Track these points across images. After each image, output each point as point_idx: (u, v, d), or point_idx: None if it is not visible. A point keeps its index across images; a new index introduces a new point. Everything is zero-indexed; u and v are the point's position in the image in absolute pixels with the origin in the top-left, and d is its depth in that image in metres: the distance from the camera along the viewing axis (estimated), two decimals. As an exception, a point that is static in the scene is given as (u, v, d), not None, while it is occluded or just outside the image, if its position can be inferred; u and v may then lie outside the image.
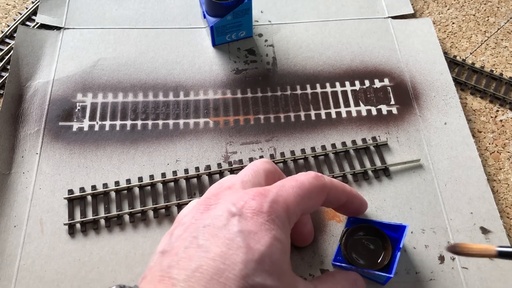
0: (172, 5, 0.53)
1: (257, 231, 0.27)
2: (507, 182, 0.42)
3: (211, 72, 0.48)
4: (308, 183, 0.31)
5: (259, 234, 0.27)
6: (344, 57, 0.49)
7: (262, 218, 0.27)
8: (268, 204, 0.28)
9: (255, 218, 0.27)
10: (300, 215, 0.31)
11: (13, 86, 0.45)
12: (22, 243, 0.38)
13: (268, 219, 0.27)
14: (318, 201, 0.32)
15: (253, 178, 0.32)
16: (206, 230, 0.27)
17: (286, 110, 0.46)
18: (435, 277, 0.37)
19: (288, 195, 0.29)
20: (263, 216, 0.27)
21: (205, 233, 0.26)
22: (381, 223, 0.36)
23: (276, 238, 0.27)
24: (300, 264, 0.37)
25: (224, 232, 0.26)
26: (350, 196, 0.35)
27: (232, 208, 0.28)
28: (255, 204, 0.28)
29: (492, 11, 0.54)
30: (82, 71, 0.47)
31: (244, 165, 0.42)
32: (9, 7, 0.53)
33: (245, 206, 0.28)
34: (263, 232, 0.27)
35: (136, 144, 0.43)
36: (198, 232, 0.27)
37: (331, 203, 0.34)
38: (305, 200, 0.30)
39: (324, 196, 0.33)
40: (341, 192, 0.34)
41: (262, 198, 0.28)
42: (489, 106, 0.47)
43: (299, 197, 0.30)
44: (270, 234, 0.27)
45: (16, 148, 0.42)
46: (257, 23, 0.52)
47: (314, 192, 0.31)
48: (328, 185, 0.33)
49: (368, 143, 0.43)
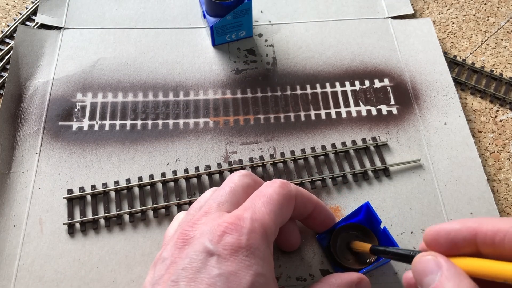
0: (172, 5, 0.53)
1: (237, 270, 0.25)
2: (507, 182, 0.42)
3: (211, 72, 0.48)
4: (277, 195, 0.30)
5: (239, 274, 0.25)
6: (344, 57, 0.49)
7: (242, 254, 0.26)
8: (245, 237, 0.26)
9: (234, 256, 0.26)
10: (277, 230, 0.30)
11: (12, 85, 0.45)
12: (21, 243, 0.38)
13: (248, 254, 0.26)
14: (289, 211, 0.31)
15: (230, 198, 0.30)
16: (186, 273, 0.25)
17: (286, 110, 0.46)
18: (435, 277, 0.37)
19: (263, 216, 0.28)
20: (242, 252, 0.26)
21: (185, 277, 0.25)
22: (349, 219, 0.37)
23: (257, 274, 0.26)
24: (300, 264, 0.37)
25: (203, 275, 0.25)
26: (317, 205, 0.34)
27: (209, 245, 0.26)
28: (232, 240, 0.26)
29: (492, 11, 0.54)
30: (82, 70, 0.47)
31: (244, 165, 0.42)
32: (9, 7, 0.53)
33: (221, 242, 0.26)
34: (243, 270, 0.26)
35: (136, 144, 0.43)
36: (178, 276, 0.26)
37: (299, 211, 0.33)
38: (278, 214, 0.29)
39: (293, 204, 0.32)
40: (307, 199, 0.33)
41: (239, 230, 0.27)
42: (489, 106, 0.47)
43: (272, 213, 0.29)
44: (251, 271, 0.26)
45: (16, 148, 0.42)
46: (257, 23, 0.52)
47: (284, 202, 0.30)
48: (294, 192, 0.32)
49: (368, 143, 0.43)
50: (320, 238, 0.38)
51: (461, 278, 0.22)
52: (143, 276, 0.37)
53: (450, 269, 0.22)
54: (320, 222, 0.36)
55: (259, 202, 0.29)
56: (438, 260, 0.23)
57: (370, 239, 0.36)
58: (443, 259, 0.23)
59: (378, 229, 0.36)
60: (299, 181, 0.41)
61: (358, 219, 0.37)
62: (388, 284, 0.37)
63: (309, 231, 0.39)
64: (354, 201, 0.40)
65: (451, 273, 0.22)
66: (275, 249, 0.38)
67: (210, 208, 0.30)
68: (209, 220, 0.28)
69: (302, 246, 0.38)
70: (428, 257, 0.24)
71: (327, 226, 0.36)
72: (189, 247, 0.27)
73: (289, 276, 0.37)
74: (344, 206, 0.40)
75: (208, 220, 0.28)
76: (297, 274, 0.37)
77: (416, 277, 0.24)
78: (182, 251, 0.27)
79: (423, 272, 0.23)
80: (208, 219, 0.28)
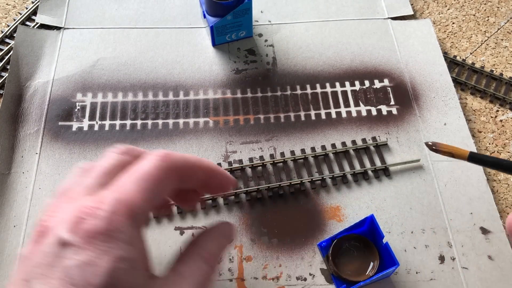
0: (172, 5, 0.53)
1: (95, 259, 0.23)
2: (507, 182, 0.42)
3: (211, 72, 0.48)
4: (155, 169, 0.27)
5: (96, 261, 0.23)
6: (344, 57, 0.49)
7: (99, 239, 0.24)
8: (104, 221, 0.24)
9: (90, 243, 0.23)
10: (153, 207, 0.27)
11: (13, 86, 0.45)
12: (21, 243, 0.38)
13: (106, 239, 0.24)
14: (170, 184, 0.28)
15: (100, 180, 0.27)
16: (39, 270, 0.23)
17: (286, 110, 0.46)
18: (435, 277, 0.37)
19: (130, 195, 0.25)
20: (100, 238, 0.24)
21: (38, 274, 0.23)
22: (352, 230, 0.37)
23: (120, 258, 0.24)
24: (300, 264, 0.37)
25: (57, 270, 0.23)
26: (208, 170, 0.31)
27: (64, 235, 0.24)
28: (89, 226, 0.24)
29: (492, 11, 0.54)
30: (82, 70, 0.47)
31: (244, 165, 0.42)
32: (9, 7, 0.53)
33: (78, 230, 0.24)
34: (102, 258, 0.23)
35: (136, 143, 0.43)
36: (30, 274, 0.23)
37: (188, 181, 0.30)
38: (155, 191, 0.27)
39: (177, 176, 0.29)
40: (197, 167, 0.30)
41: (97, 214, 0.24)
42: (489, 106, 0.47)
43: (145, 191, 0.26)
44: (111, 257, 0.23)
45: (16, 148, 0.42)
46: (257, 23, 0.52)
47: (163, 176, 0.27)
48: (179, 162, 0.29)
49: (368, 143, 0.43)
50: (320, 246, 0.38)
51: None
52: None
53: None
54: (217, 188, 0.33)
55: (130, 179, 0.26)
56: None
57: (372, 252, 0.36)
58: None
59: (380, 244, 0.36)
60: (299, 181, 0.41)
61: (361, 230, 0.37)
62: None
63: (309, 231, 0.39)
64: (354, 201, 0.40)
65: None
66: (275, 248, 0.38)
67: (74, 193, 0.27)
68: (67, 208, 0.25)
69: (302, 246, 0.38)
70: None
71: (225, 190, 0.33)
72: (44, 240, 0.24)
73: (289, 276, 0.37)
74: (344, 205, 0.40)
75: (68, 207, 0.25)
76: (297, 274, 0.37)
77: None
78: (37, 245, 0.25)
79: None
80: (69, 206, 0.26)
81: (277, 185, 0.41)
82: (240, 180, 0.41)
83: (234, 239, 0.33)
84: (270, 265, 0.37)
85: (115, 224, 0.24)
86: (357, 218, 0.38)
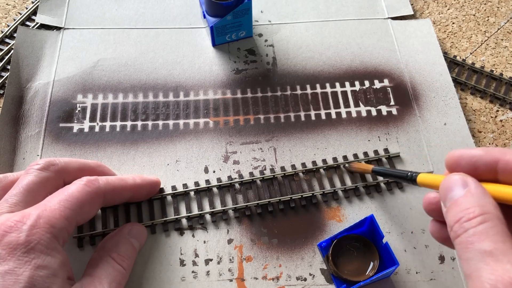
0: (172, 5, 0.53)
1: (15, 267, 0.26)
2: (507, 182, 0.43)
3: (211, 72, 0.48)
4: (78, 192, 0.31)
5: (16, 270, 0.26)
6: (344, 57, 0.49)
7: (20, 251, 0.27)
8: (25, 234, 0.27)
9: (12, 254, 0.26)
10: (74, 226, 0.30)
11: (13, 87, 0.45)
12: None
13: (27, 250, 0.27)
14: (94, 207, 0.32)
15: (24, 198, 0.31)
16: None
17: (286, 110, 0.46)
18: (435, 277, 0.37)
19: (53, 213, 0.29)
20: (20, 249, 0.27)
21: None
22: (351, 230, 0.37)
23: (38, 266, 0.27)
24: (300, 264, 0.38)
25: None
26: (134, 189, 0.36)
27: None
28: (11, 239, 0.27)
29: (492, 11, 0.54)
30: (82, 71, 0.48)
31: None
32: (9, 7, 0.53)
33: (1, 243, 0.27)
34: (21, 266, 0.26)
35: (136, 145, 0.43)
36: None
37: (114, 201, 0.35)
38: (77, 211, 0.30)
39: (101, 199, 0.33)
40: (121, 189, 0.35)
41: (19, 227, 0.27)
42: (489, 106, 0.47)
43: (67, 210, 0.29)
44: (29, 265, 0.26)
45: (17, 150, 0.42)
46: (257, 23, 0.52)
47: (87, 199, 0.31)
48: (103, 187, 0.32)
49: (380, 155, 0.43)
50: (320, 246, 0.38)
51: (485, 195, 0.23)
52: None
53: (476, 187, 0.24)
54: (145, 196, 0.38)
55: (55, 200, 0.30)
56: (465, 178, 0.24)
57: (371, 252, 0.36)
58: (470, 179, 0.24)
59: (380, 244, 0.36)
60: (310, 193, 0.41)
61: (360, 230, 0.37)
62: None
63: (309, 231, 0.39)
64: (354, 200, 0.41)
65: (477, 191, 0.24)
66: (275, 249, 0.38)
67: (1, 209, 0.30)
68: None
69: (302, 246, 0.38)
70: (456, 176, 0.25)
71: (152, 195, 0.39)
72: None
73: (289, 276, 0.37)
74: (344, 205, 0.40)
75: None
76: (297, 274, 0.37)
77: (442, 193, 0.25)
78: None
79: (449, 188, 0.25)
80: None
81: (288, 197, 0.41)
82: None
83: (144, 238, 0.37)
84: (270, 265, 0.38)
85: (36, 236, 0.27)
86: (357, 218, 0.39)
